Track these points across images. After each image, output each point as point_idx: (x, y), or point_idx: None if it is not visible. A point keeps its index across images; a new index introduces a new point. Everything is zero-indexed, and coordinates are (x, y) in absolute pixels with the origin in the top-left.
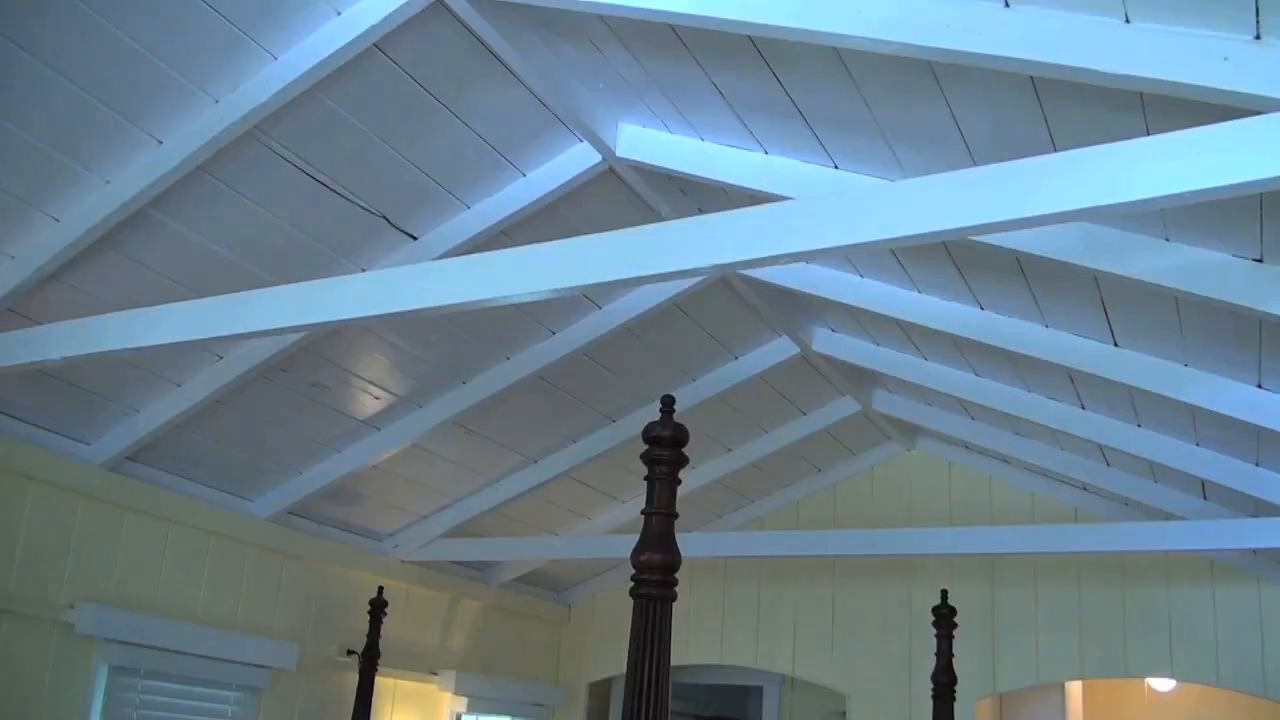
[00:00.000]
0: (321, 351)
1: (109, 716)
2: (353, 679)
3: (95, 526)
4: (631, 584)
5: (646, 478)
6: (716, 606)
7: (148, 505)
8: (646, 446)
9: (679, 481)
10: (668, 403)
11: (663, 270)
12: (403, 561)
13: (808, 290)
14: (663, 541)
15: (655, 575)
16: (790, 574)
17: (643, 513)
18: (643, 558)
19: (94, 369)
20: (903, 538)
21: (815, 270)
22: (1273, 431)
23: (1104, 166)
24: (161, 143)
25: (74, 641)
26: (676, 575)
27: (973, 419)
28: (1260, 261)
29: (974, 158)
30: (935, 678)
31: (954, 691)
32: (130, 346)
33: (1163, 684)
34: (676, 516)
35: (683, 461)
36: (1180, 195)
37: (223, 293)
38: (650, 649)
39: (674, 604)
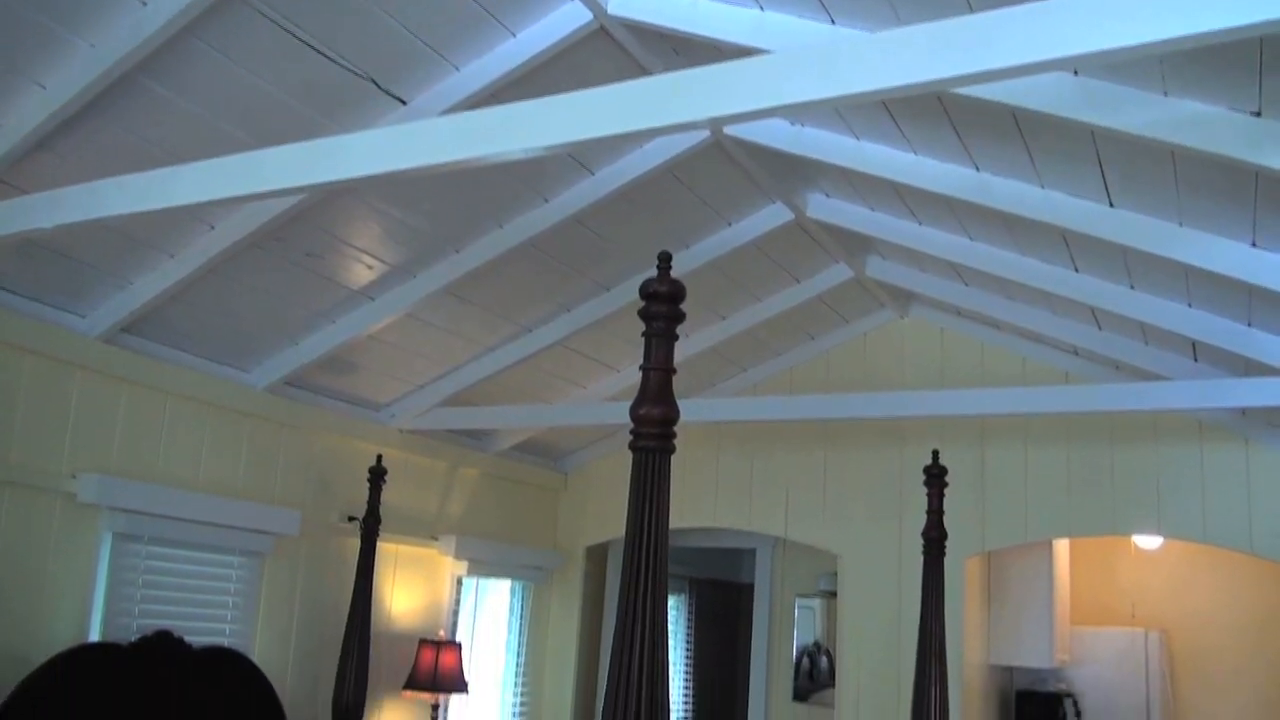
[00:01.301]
0: (314, 220)
1: (114, 582)
2: (354, 544)
3: (93, 398)
4: (630, 438)
5: (644, 334)
6: (710, 472)
7: (144, 377)
8: (644, 304)
9: (676, 337)
10: (664, 259)
11: (650, 125)
12: (400, 431)
13: (803, 153)
14: (661, 395)
15: (654, 429)
16: (783, 439)
17: (640, 368)
18: (641, 411)
19: (86, 241)
20: (895, 400)
21: (810, 133)
22: (1265, 290)
23: (1092, 12)
24: (145, 3)
25: (77, 510)
26: (674, 430)
27: (966, 284)
28: (1259, 115)
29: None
30: (926, 534)
31: (944, 547)
32: (122, 212)
33: (1149, 541)
34: (674, 372)
35: (680, 317)
36: (1171, 41)
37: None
38: (649, 501)
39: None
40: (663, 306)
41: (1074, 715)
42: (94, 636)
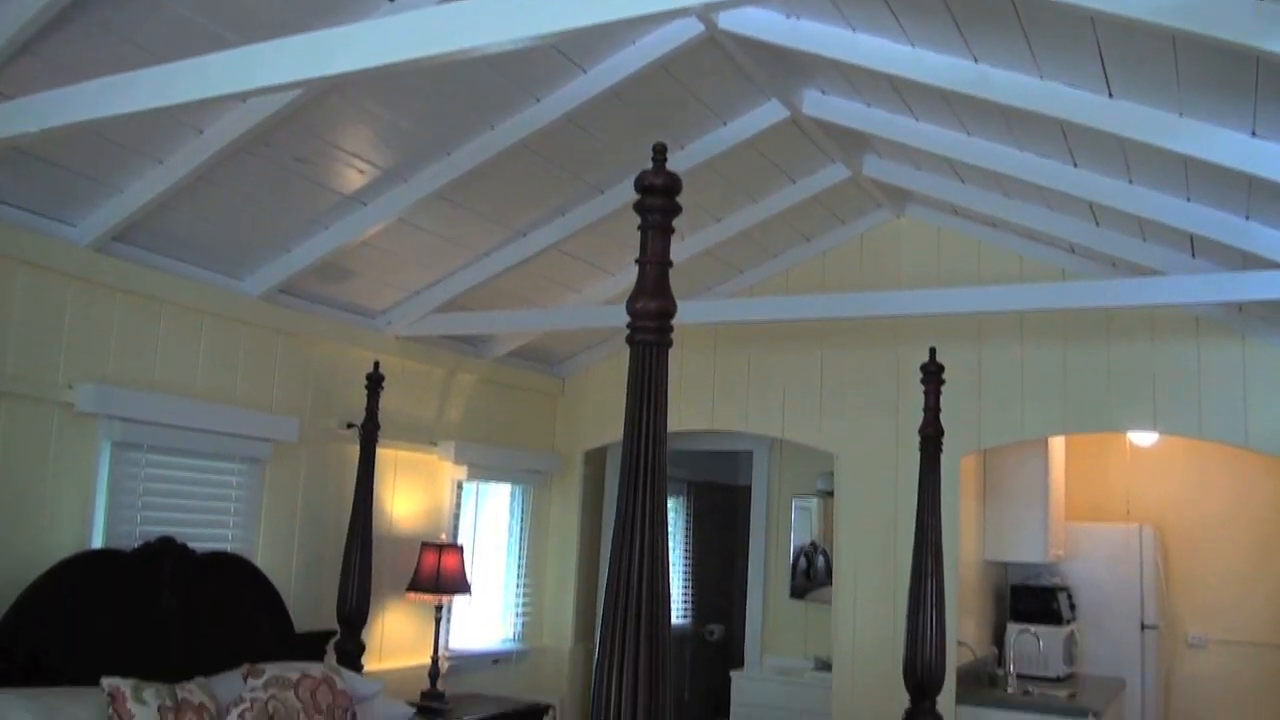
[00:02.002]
0: (303, 124)
1: (115, 490)
2: (354, 450)
3: (87, 308)
4: (628, 333)
5: (640, 227)
6: (708, 374)
7: (138, 285)
8: (639, 198)
9: (672, 230)
10: (660, 150)
11: (642, 11)
12: (397, 337)
13: (798, 46)
14: (658, 288)
15: (652, 322)
16: (779, 341)
17: (636, 261)
18: (638, 305)
19: (74, 148)
20: (891, 299)
21: (806, 25)
22: (1264, 181)
23: None
24: None
25: (75, 420)
26: (671, 324)
27: (963, 182)
28: None
29: None
30: (922, 431)
31: (940, 444)
32: (111, 113)
33: (1143, 438)
34: (671, 265)
35: (676, 210)
36: None
37: None
38: (648, 395)
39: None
40: (659, 199)
41: (1069, 609)
42: (96, 544)
